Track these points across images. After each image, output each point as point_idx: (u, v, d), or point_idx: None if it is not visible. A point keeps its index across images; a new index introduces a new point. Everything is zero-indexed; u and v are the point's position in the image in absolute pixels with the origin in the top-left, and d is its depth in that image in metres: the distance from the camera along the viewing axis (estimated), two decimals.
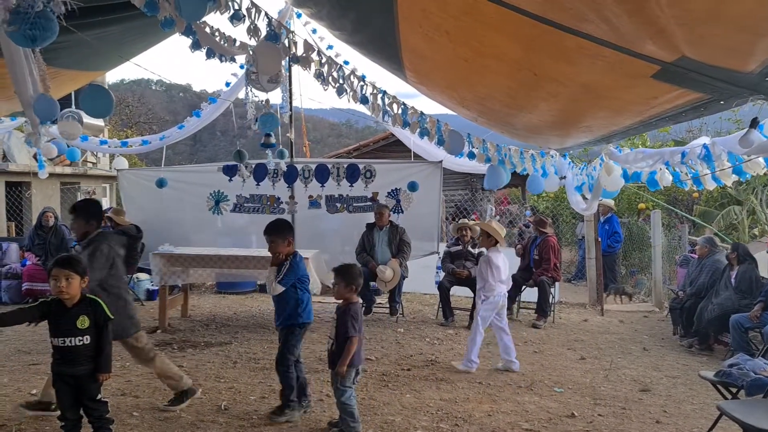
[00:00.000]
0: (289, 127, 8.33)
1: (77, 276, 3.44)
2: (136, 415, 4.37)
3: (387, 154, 16.29)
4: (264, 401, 4.77)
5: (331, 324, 4.16)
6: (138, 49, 6.62)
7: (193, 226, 9.17)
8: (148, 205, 9.20)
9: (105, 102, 4.06)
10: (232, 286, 9.84)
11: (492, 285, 5.82)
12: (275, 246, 4.43)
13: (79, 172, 12.17)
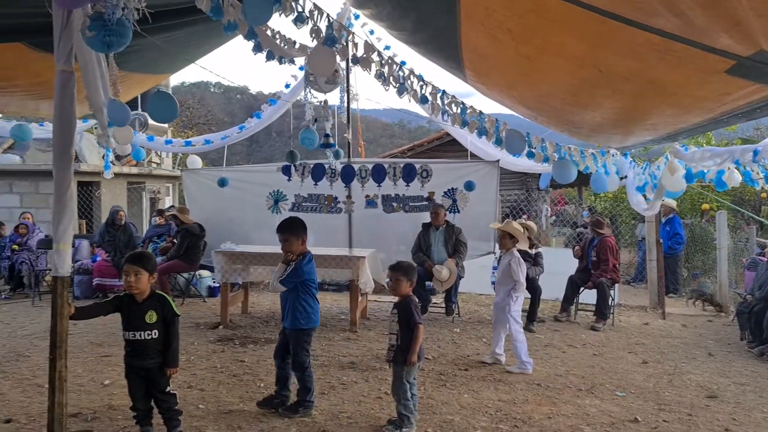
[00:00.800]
0: (347, 128, 8.43)
1: (146, 272, 3.61)
2: (201, 407, 4.51)
3: (442, 154, 16.22)
4: (323, 397, 4.84)
5: (390, 321, 4.19)
6: (202, 52, 6.82)
7: (253, 224, 9.37)
8: (210, 204, 9.46)
9: (170, 108, 4.20)
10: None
11: (523, 284, 5.94)
12: (289, 244, 4.41)
13: (144, 172, 12.62)
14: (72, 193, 3.40)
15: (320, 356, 6.06)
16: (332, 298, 9.62)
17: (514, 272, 5.84)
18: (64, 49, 3.33)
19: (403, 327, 4.08)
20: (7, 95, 6.32)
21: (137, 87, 7.49)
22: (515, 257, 5.94)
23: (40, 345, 6.23)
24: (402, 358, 4.06)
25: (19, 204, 11.11)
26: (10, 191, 11.19)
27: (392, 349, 4.12)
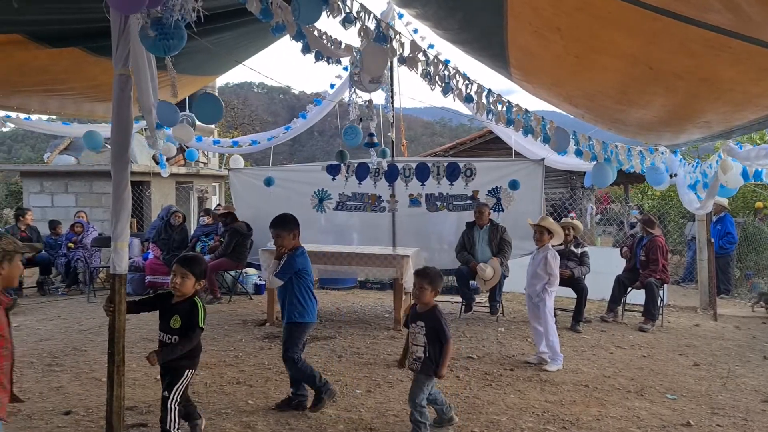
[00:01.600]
0: (391, 127, 8.45)
1: (193, 277, 3.61)
2: (251, 403, 4.61)
3: (484, 152, 16.09)
4: (370, 395, 4.88)
5: (414, 332, 4.02)
6: (249, 54, 6.94)
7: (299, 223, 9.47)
8: (257, 203, 9.62)
9: (216, 109, 4.29)
10: (334, 282, 10.11)
11: (557, 278, 5.93)
12: (281, 239, 4.46)
13: (192, 171, 12.91)
14: (129, 193, 3.50)
15: (365, 354, 6.11)
16: (376, 296, 9.68)
17: (550, 266, 5.80)
18: (122, 53, 3.43)
19: (431, 340, 3.95)
20: (65, 98, 6.56)
21: (186, 89, 7.68)
22: (552, 251, 5.91)
23: (95, 340, 6.46)
24: (431, 370, 3.94)
25: (74, 203, 11.50)
26: (65, 191, 11.59)
27: (418, 361, 3.98)
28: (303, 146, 50.59)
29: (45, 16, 4.27)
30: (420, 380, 3.99)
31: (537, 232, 6.00)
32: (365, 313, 8.31)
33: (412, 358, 4.04)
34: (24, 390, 4.84)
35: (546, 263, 5.81)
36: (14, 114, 7.08)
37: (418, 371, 3.99)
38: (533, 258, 6.05)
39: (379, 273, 8.25)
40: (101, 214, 11.53)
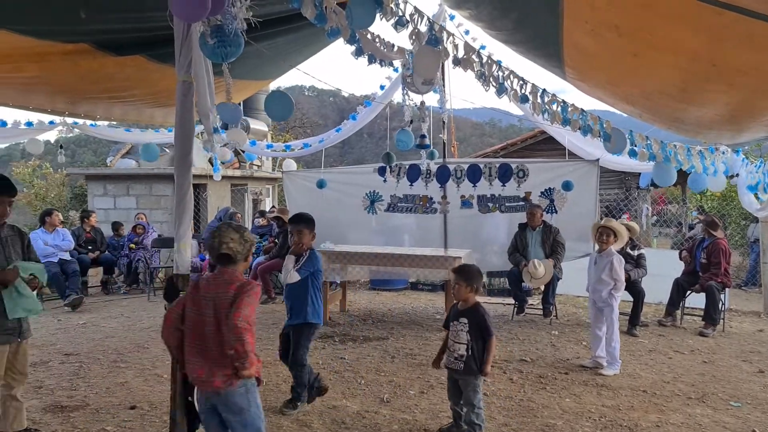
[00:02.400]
0: (442, 129, 8.45)
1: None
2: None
3: (535, 153, 15.91)
4: (423, 396, 4.90)
5: (456, 329, 4.00)
6: (302, 58, 7.05)
7: (350, 224, 9.58)
8: (309, 205, 9.71)
9: (287, 105, 4.39)
10: (385, 283, 10.17)
11: (623, 284, 5.79)
12: (303, 236, 4.45)
13: (246, 174, 13.19)
14: (191, 195, 3.60)
15: (417, 355, 6.12)
16: (427, 298, 9.69)
17: (615, 271, 5.66)
18: (185, 61, 3.54)
19: (474, 337, 3.93)
20: (127, 104, 6.81)
21: (241, 93, 7.85)
22: (618, 256, 5.76)
23: (156, 338, 6.66)
24: (476, 368, 3.92)
25: (135, 205, 11.92)
26: (127, 194, 12.02)
27: (461, 360, 3.96)
28: (353, 148, 50.98)
29: (110, 25, 4.45)
30: (470, 382, 3.99)
31: (602, 234, 5.81)
32: (417, 314, 8.33)
33: (453, 357, 4.00)
34: (92, 385, 5.05)
35: (612, 268, 5.67)
36: (81, 121, 7.39)
37: (460, 370, 3.97)
38: (595, 262, 5.90)
39: (431, 274, 8.25)
40: (160, 216, 11.91)
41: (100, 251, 9.89)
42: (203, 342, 2.89)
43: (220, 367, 2.86)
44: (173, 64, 5.34)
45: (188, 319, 2.96)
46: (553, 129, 8.23)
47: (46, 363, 5.65)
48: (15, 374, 3.79)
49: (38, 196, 18.21)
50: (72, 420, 4.25)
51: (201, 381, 2.93)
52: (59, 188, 18.21)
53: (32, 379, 5.06)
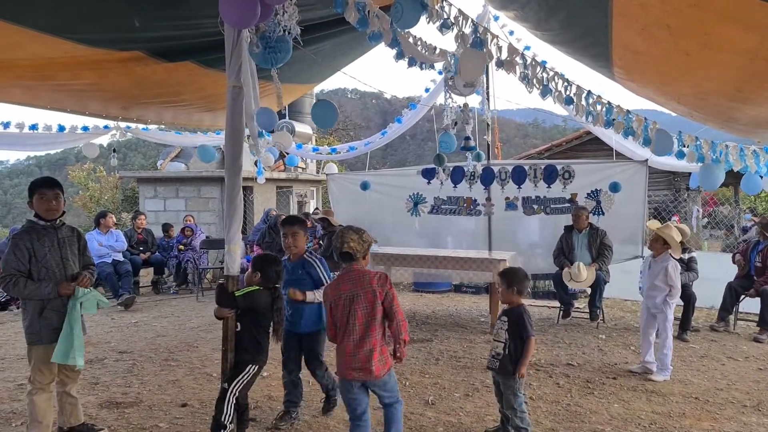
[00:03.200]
0: (487, 130, 8.41)
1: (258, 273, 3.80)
2: None
3: (581, 154, 15.67)
4: (468, 399, 4.88)
5: (497, 328, 4.03)
6: (346, 61, 7.13)
7: (393, 226, 9.61)
8: (353, 207, 9.83)
9: (331, 113, 4.44)
10: (428, 285, 10.16)
11: (679, 290, 5.65)
12: (297, 239, 4.27)
13: (291, 177, 13.37)
14: (241, 198, 3.69)
15: (462, 358, 6.10)
16: (471, 300, 9.64)
17: (670, 277, 5.52)
18: (235, 66, 3.62)
19: (512, 336, 3.92)
20: (178, 109, 6.99)
21: (286, 97, 7.96)
22: (673, 261, 5.61)
23: (205, 337, 6.84)
24: (511, 369, 3.90)
25: (184, 207, 12.21)
26: (176, 196, 12.34)
27: (497, 358, 3.95)
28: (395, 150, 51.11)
29: (162, 33, 4.59)
30: (509, 385, 3.96)
31: (652, 240, 5.73)
32: (461, 316, 8.30)
33: (491, 355, 4.01)
34: (145, 382, 5.20)
35: (667, 274, 5.54)
36: (133, 125, 7.62)
37: (495, 369, 3.96)
38: (649, 267, 5.78)
39: (475, 277, 8.22)
40: (208, 218, 12.17)
41: (151, 252, 10.17)
42: (360, 334, 3.36)
43: (377, 354, 3.38)
44: (221, 69, 5.48)
45: (341, 318, 3.41)
46: (600, 129, 8.11)
47: (102, 360, 5.84)
48: (68, 371, 3.91)
49: (93, 198, 18.83)
50: (126, 416, 4.39)
51: (361, 369, 3.37)
52: (112, 191, 18.79)
53: (89, 376, 5.25)
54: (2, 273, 3.63)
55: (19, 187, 51.62)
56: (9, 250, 3.63)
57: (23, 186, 51.70)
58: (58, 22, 4.02)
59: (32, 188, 3.81)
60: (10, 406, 4.60)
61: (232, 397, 3.61)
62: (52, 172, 47.70)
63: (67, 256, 3.82)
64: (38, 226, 3.74)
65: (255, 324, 3.71)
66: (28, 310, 3.67)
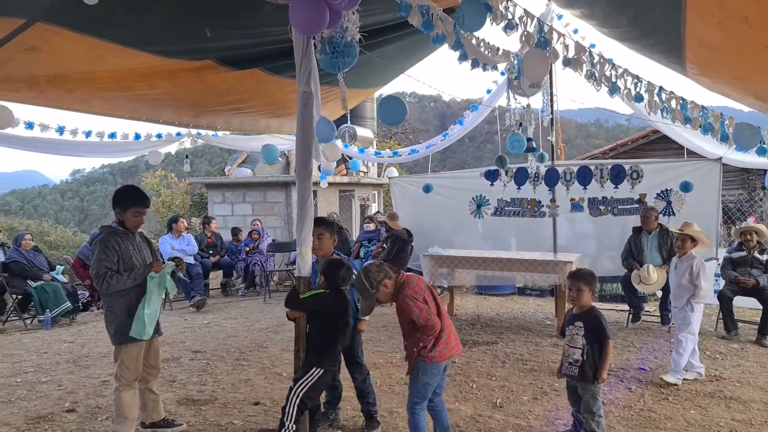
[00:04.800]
0: (550, 131, 8.29)
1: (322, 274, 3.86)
2: None
3: (648, 153, 15.19)
4: (536, 402, 4.83)
5: (571, 334, 3.93)
6: (408, 65, 7.16)
7: (456, 229, 9.60)
8: (415, 210, 9.87)
9: (400, 110, 4.49)
10: (491, 288, 10.08)
11: (704, 290, 5.42)
12: (323, 241, 4.15)
13: (354, 180, 13.53)
14: (312, 201, 3.76)
15: (529, 361, 6.03)
16: (535, 303, 9.51)
17: (696, 276, 5.32)
18: (305, 72, 3.70)
19: (590, 341, 3.84)
20: (245, 115, 7.20)
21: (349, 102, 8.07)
22: (698, 259, 5.41)
23: (274, 338, 7.00)
24: (591, 374, 3.82)
25: (251, 212, 12.53)
26: (243, 201, 12.68)
27: (576, 365, 3.86)
28: (453, 153, 50.89)
29: (232, 41, 4.74)
30: (588, 389, 3.88)
31: (679, 240, 5.54)
32: (526, 319, 8.20)
33: (568, 362, 3.92)
34: (218, 381, 5.38)
35: (691, 273, 5.35)
36: (204, 131, 7.88)
37: (575, 376, 3.88)
38: (675, 267, 5.59)
39: (540, 279, 8.09)
40: (274, 222, 12.44)
41: (220, 255, 10.48)
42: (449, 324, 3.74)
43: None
44: (287, 75, 5.65)
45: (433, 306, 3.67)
46: (669, 127, 7.87)
47: (177, 359, 6.06)
48: (149, 368, 4.10)
49: (164, 203, 19.54)
50: (203, 413, 4.55)
51: (459, 351, 3.79)
52: (182, 196, 19.45)
53: (166, 374, 5.46)
54: (96, 272, 3.81)
55: (95, 194, 54.14)
56: (100, 251, 3.82)
57: (99, 193, 54.18)
58: (137, 36, 4.23)
59: (129, 203, 3.99)
60: (95, 402, 4.84)
61: (295, 397, 3.66)
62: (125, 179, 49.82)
63: (147, 255, 4.04)
64: (119, 231, 3.95)
65: (320, 327, 3.77)
66: (115, 312, 3.85)
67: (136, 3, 3.78)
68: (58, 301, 8.19)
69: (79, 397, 4.97)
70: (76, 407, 4.70)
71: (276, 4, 3.62)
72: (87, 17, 3.70)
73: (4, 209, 44.00)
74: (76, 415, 4.55)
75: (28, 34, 3.84)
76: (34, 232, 15.27)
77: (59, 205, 53.19)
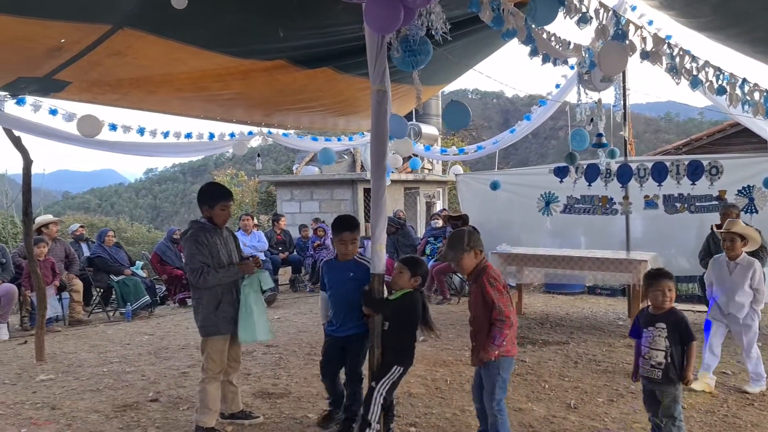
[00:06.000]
0: (623, 126, 8.06)
1: (408, 272, 3.80)
2: None
3: (725, 148, 14.53)
4: (612, 404, 4.71)
5: (653, 336, 3.73)
6: (475, 61, 7.10)
7: (523, 226, 9.47)
8: (482, 207, 9.79)
9: (464, 116, 4.47)
10: (560, 287, 9.88)
11: (765, 294, 4.96)
12: (355, 246, 4.09)
13: (419, 178, 13.56)
14: (385, 199, 3.78)
15: (602, 362, 5.89)
16: (606, 302, 9.28)
17: (758, 282, 4.87)
18: (379, 71, 3.71)
19: (674, 342, 3.67)
20: (315, 113, 7.31)
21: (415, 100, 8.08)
22: (757, 264, 4.94)
23: None
24: (674, 376, 3.66)
25: (318, 209, 12.75)
26: (311, 198, 12.91)
27: (659, 368, 3.69)
28: (517, 149, 50.15)
29: (303, 41, 4.82)
30: (670, 392, 3.75)
31: (727, 240, 4.99)
32: (597, 319, 8.01)
33: (650, 365, 3.74)
34: (291, 375, 5.50)
35: (753, 278, 4.89)
36: (274, 130, 8.06)
37: (658, 379, 3.72)
38: (729, 272, 5.03)
39: (612, 278, 7.89)
40: None
41: (289, 252, 10.70)
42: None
43: None
44: (356, 74, 5.70)
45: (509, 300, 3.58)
46: (752, 120, 7.52)
47: (252, 353, 6.22)
48: (230, 361, 4.22)
49: (235, 201, 20.04)
50: (279, 406, 4.65)
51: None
52: (252, 194, 19.92)
53: (242, 367, 5.59)
54: (191, 266, 3.92)
55: (167, 192, 56.19)
56: (192, 246, 3.92)
57: (170, 191, 56.19)
58: (214, 38, 4.36)
59: (215, 198, 4.12)
60: (177, 392, 5.03)
61: (379, 396, 3.68)
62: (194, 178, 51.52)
63: (233, 250, 4.15)
64: (207, 226, 4.07)
65: (403, 325, 3.77)
66: (202, 305, 3.97)
67: (213, 7, 3.91)
68: (138, 294, 8.56)
69: (162, 387, 5.18)
70: (159, 397, 4.90)
71: (348, 3, 3.65)
72: (167, 22, 3.84)
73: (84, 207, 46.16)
74: (159, 404, 4.74)
75: (113, 40, 4.03)
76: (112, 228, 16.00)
77: (134, 203, 55.44)
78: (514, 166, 27.63)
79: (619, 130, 8.06)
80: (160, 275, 9.63)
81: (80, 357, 6.29)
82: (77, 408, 4.67)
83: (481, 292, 3.52)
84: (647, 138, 51.87)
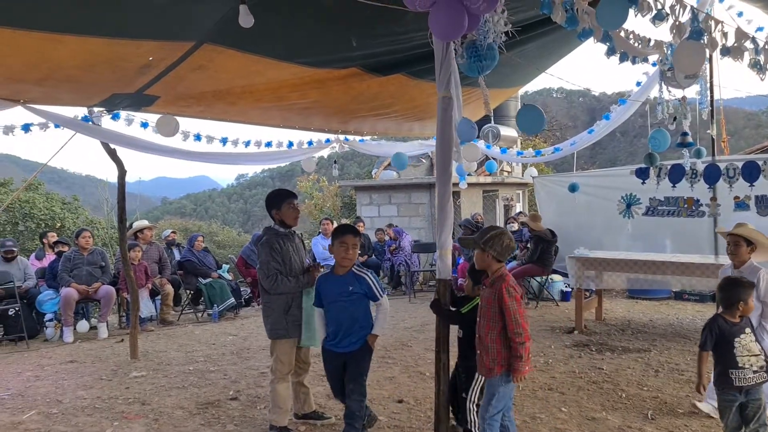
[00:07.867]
0: (710, 124, 7.70)
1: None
2: (564, 411, 4.63)
3: None
4: (694, 417, 4.51)
5: (743, 343, 3.54)
6: (551, 62, 7.00)
7: (604, 229, 9.22)
8: (560, 210, 9.61)
9: (538, 120, 4.44)
10: (643, 292, 9.54)
11: None
12: (356, 252, 3.96)
13: (497, 180, 13.44)
14: (451, 204, 3.83)
15: (685, 371, 5.66)
16: (694, 309, 8.87)
17: (764, 292, 4.16)
18: (444, 77, 3.76)
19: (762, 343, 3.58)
20: (389, 120, 7.42)
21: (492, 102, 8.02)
22: (764, 270, 4.27)
23: (418, 337, 7.16)
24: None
25: (396, 213, 12.89)
26: (389, 202, 13.06)
27: (762, 371, 3.51)
28: (604, 149, 48.49)
29: (375, 49, 4.93)
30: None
31: (731, 244, 4.34)
32: (683, 326, 7.68)
33: (751, 372, 3.51)
34: None
35: (757, 288, 4.08)
36: (351, 137, 8.23)
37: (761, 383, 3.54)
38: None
39: (699, 283, 7.53)
40: (419, 223, 12.69)
41: (368, 255, 10.88)
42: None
43: None
44: (428, 79, 5.77)
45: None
46: None
47: None
48: (300, 363, 4.37)
49: (317, 206, 20.59)
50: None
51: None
52: (333, 199, 20.37)
53: (317, 369, 5.75)
54: (265, 272, 4.08)
55: (257, 196, 58.33)
56: (267, 253, 4.09)
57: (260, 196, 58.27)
58: (289, 49, 4.55)
59: (281, 198, 4.29)
60: (255, 392, 5.26)
61: (472, 405, 3.73)
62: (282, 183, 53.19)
63: (303, 256, 4.31)
64: (281, 232, 4.24)
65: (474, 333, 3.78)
66: (272, 308, 4.14)
67: (287, 20, 4.08)
68: (224, 296, 8.98)
69: (242, 386, 5.43)
70: (239, 396, 5.14)
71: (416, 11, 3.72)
72: (245, 36, 4.05)
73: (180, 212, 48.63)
74: (239, 402, 4.97)
75: (196, 55, 4.29)
76: (204, 233, 16.80)
77: (226, 207, 57.84)
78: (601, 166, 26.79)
79: (707, 128, 7.70)
80: (245, 278, 10.04)
81: (169, 356, 6.67)
82: (164, 404, 4.97)
83: (497, 298, 3.38)
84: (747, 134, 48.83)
